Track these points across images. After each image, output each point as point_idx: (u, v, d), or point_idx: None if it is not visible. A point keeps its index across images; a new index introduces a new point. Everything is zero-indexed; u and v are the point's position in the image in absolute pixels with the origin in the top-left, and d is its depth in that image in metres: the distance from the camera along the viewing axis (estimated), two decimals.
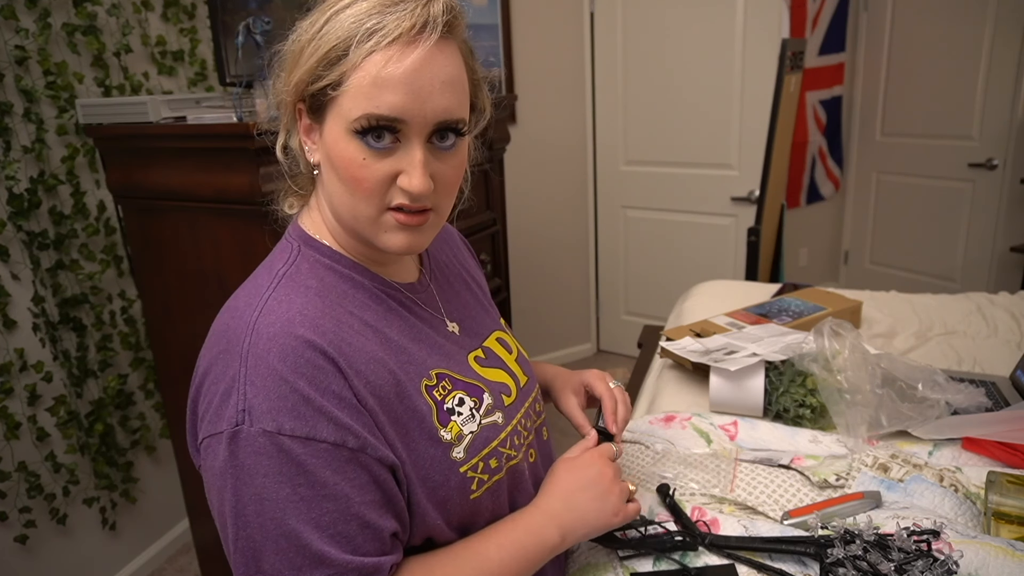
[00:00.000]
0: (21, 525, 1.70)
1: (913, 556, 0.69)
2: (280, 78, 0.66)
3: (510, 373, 0.79)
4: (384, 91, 0.59)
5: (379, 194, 0.62)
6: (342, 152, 0.62)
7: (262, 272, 0.68)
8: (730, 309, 1.53)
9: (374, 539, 0.60)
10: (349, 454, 0.59)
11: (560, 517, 0.71)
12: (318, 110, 0.63)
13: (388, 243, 0.65)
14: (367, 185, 0.62)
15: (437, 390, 0.68)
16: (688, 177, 3.03)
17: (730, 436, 1.06)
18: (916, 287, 2.95)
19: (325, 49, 0.60)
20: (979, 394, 1.06)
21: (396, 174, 0.62)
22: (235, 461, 0.57)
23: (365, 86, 0.59)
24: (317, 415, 0.58)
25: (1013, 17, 2.83)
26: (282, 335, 0.59)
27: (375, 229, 0.65)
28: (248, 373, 0.58)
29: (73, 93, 1.80)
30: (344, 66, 0.60)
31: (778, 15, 2.63)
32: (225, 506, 0.58)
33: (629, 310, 3.43)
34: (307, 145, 0.67)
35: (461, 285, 0.84)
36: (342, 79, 0.60)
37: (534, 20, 2.98)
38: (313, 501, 0.57)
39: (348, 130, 0.61)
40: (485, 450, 0.69)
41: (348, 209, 0.64)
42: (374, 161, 0.61)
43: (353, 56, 0.59)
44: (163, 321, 1.59)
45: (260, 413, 0.57)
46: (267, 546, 0.57)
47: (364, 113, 0.59)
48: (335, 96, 0.61)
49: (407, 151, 0.62)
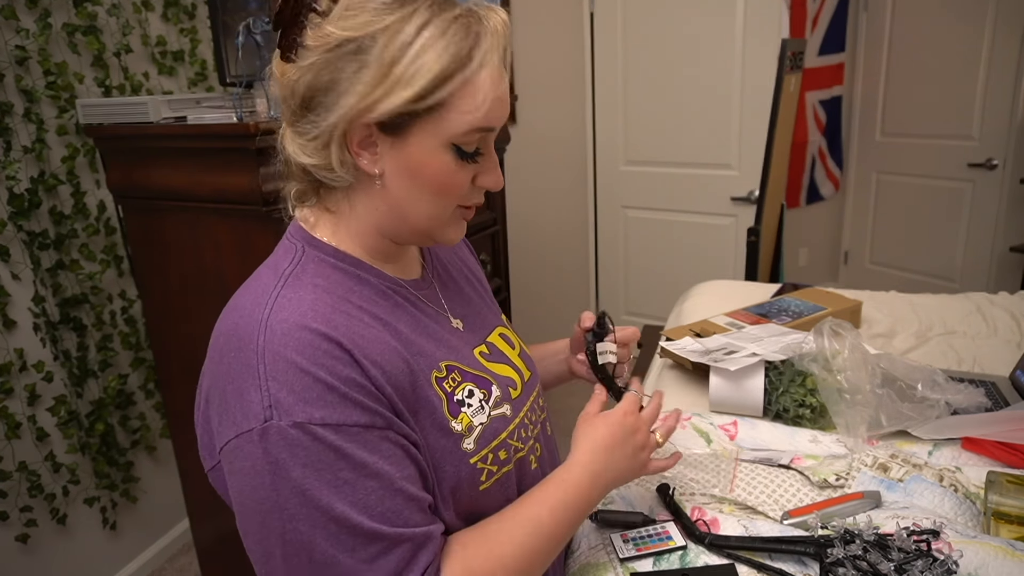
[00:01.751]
0: (22, 525, 1.70)
1: (913, 556, 0.69)
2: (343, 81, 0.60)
3: (514, 367, 0.80)
4: (492, 107, 0.63)
5: (461, 196, 0.68)
6: (434, 164, 0.64)
7: (266, 272, 0.68)
8: (730, 309, 1.53)
9: (419, 510, 0.62)
10: (380, 433, 0.60)
11: (601, 476, 0.73)
12: (400, 126, 0.62)
13: (450, 236, 0.71)
14: (456, 191, 0.67)
15: (447, 382, 0.69)
16: (688, 177, 3.03)
17: (730, 436, 1.06)
18: (916, 287, 2.95)
19: (435, 72, 0.59)
20: (979, 394, 1.06)
21: (475, 176, 0.68)
22: (269, 457, 0.57)
23: (475, 103, 0.62)
24: (343, 401, 0.58)
25: (1013, 17, 2.83)
26: (296, 329, 0.59)
27: (444, 226, 0.70)
28: (267, 369, 0.58)
29: (73, 93, 1.80)
30: (454, 84, 0.61)
31: (778, 15, 2.63)
32: (266, 505, 0.58)
33: (629, 310, 3.43)
34: (360, 156, 0.64)
35: (463, 282, 0.85)
36: (451, 99, 0.61)
37: (534, 20, 2.98)
38: (356, 483, 0.58)
39: (445, 143, 0.63)
40: (495, 441, 0.70)
41: (426, 212, 0.67)
42: (461, 169, 0.66)
43: (465, 75, 0.61)
44: (163, 321, 1.59)
45: (288, 406, 0.57)
46: (317, 535, 0.57)
47: (475, 127, 0.63)
48: (431, 114, 0.61)
49: (487, 156, 0.68)
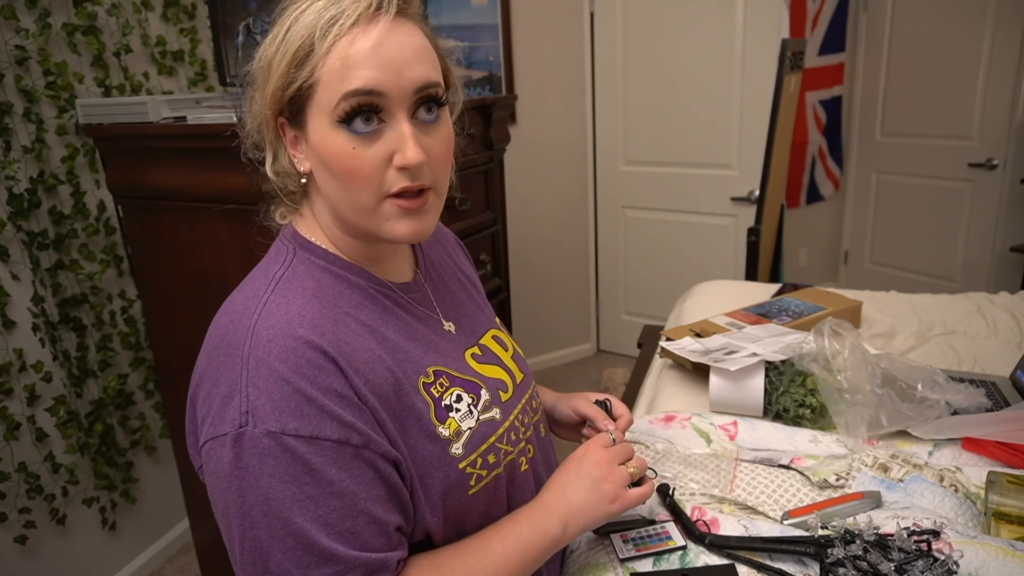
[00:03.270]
0: (21, 525, 1.70)
1: (913, 556, 0.69)
2: (255, 99, 0.66)
3: (506, 370, 0.79)
4: (357, 69, 0.59)
5: (376, 181, 0.62)
6: (331, 147, 0.62)
7: (258, 275, 0.68)
8: (730, 309, 1.53)
9: (380, 534, 0.61)
10: (353, 451, 0.59)
11: (559, 508, 0.71)
12: (298, 115, 0.64)
13: (393, 232, 0.64)
14: (362, 174, 0.62)
15: (435, 387, 0.68)
16: (688, 177, 3.03)
17: (730, 436, 1.06)
18: (916, 287, 2.95)
19: (292, 51, 0.61)
20: (979, 394, 1.06)
21: (389, 157, 0.62)
22: (240, 463, 0.57)
23: (337, 71, 0.59)
24: (320, 414, 0.58)
25: (1013, 17, 2.83)
26: (282, 336, 0.59)
27: (377, 220, 0.64)
28: (250, 376, 0.58)
29: (73, 93, 1.80)
30: (313, 60, 0.60)
31: (778, 15, 2.63)
32: (231, 508, 0.58)
33: (629, 310, 3.43)
34: (295, 158, 0.67)
35: (456, 284, 0.85)
36: (313, 73, 0.60)
37: (534, 20, 2.98)
38: (320, 499, 0.58)
39: (332, 122, 0.61)
40: (483, 446, 0.70)
41: (348, 204, 0.64)
42: (364, 148, 0.61)
43: (319, 47, 0.60)
44: (163, 321, 1.59)
45: (263, 414, 0.57)
46: (274, 546, 0.57)
47: (342, 94, 0.59)
48: (311, 94, 0.61)
49: (394, 129, 0.62)
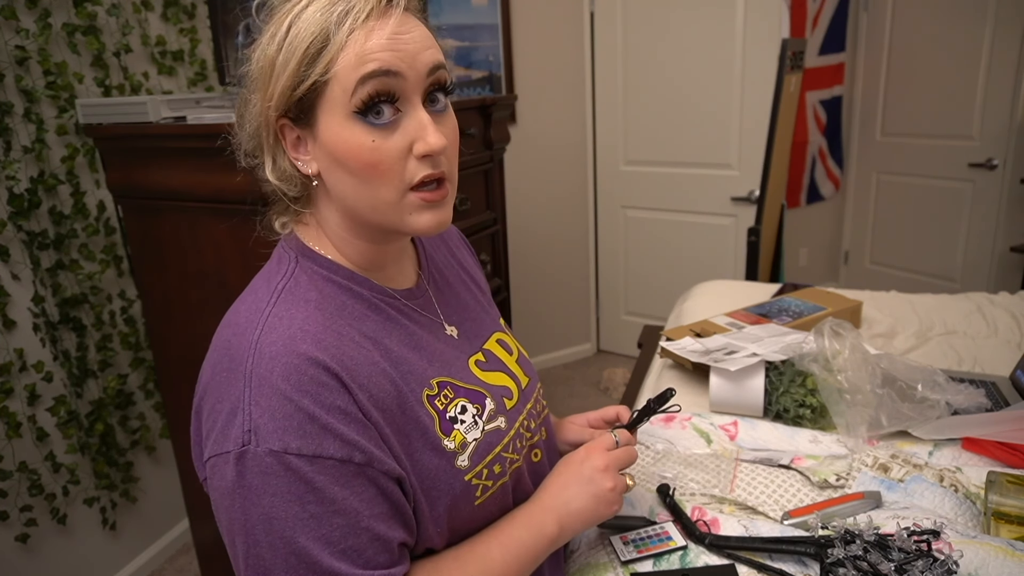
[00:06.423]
0: (22, 524, 1.70)
1: (913, 556, 0.69)
2: (253, 102, 0.65)
3: (511, 375, 0.78)
4: (373, 54, 0.59)
5: (398, 173, 0.61)
6: (347, 141, 0.61)
7: (261, 285, 0.67)
8: (730, 309, 1.53)
9: (384, 551, 0.60)
10: (356, 469, 0.59)
11: (555, 510, 0.71)
12: (306, 115, 0.62)
13: (417, 225, 0.64)
14: (384, 167, 0.61)
15: (439, 399, 0.68)
16: (688, 177, 3.03)
17: (730, 436, 1.06)
18: (916, 287, 2.95)
19: (302, 48, 0.59)
20: (979, 394, 1.06)
21: (408, 147, 0.61)
22: (243, 481, 0.57)
23: (353, 62, 0.59)
24: (323, 432, 0.58)
25: (1013, 17, 2.83)
26: (285, 353, 0.59)
27: (400, 214, 0.63)
28: (252, 394, 0.58)
29: (73, 93, 1.80)
30: (328, 55, 0.59)
31: (778, 15, 2.63)
32: (234, 525, 0.58)
33: (629, 310, 3.43)
34: (299, 161, 0.65)
35: (460, 286, 0.84)
36: (328, 69, 0.59)
37: (534, 20, 2.98)
38: (323, 518, 0.57)
39: (348, 115, 0.60)
40: (489, 456, 0.69)
41: (367, 201, 0.63)
42: (383, 140, 0.60)
43: (334, 42, 0.59)
44: (163, 321, 1.59)
45: (266, 433, 0.57)
46: (277, 564, 0.57)
47: (359, 78, 0.58)
48: (324, 90, 0.60)
49: (412, 117, 0.61)
